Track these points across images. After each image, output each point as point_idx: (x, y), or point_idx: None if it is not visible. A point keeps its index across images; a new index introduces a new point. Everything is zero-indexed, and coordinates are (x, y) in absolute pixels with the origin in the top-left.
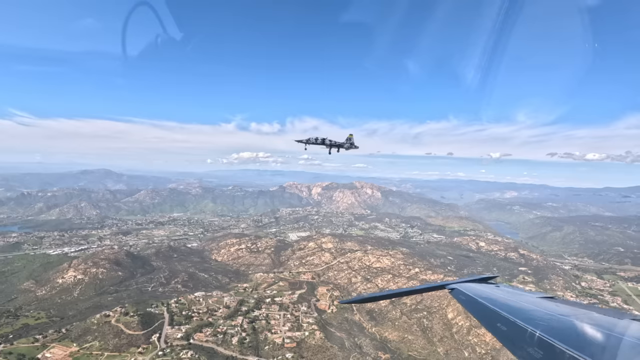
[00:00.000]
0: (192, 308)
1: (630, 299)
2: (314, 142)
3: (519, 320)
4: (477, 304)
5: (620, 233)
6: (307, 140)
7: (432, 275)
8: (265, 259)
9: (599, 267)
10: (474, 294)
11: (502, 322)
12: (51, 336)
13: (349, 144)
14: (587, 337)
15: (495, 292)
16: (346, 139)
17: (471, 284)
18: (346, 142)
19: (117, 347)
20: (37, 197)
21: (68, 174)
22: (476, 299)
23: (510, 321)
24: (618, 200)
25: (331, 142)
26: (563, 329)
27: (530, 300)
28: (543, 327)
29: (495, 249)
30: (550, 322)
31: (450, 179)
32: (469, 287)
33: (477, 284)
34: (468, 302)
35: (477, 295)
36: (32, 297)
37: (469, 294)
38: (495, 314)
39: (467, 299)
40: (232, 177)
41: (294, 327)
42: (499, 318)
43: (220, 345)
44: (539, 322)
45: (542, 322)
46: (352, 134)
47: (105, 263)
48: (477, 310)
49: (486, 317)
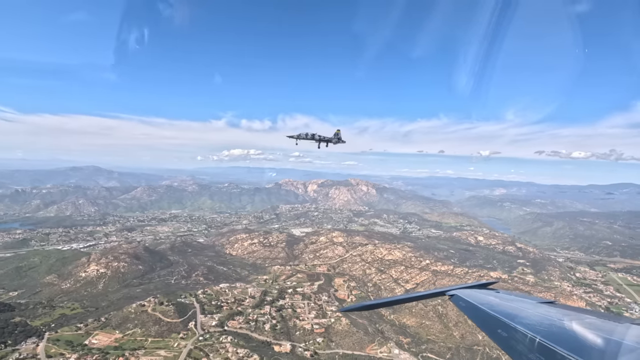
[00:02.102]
0: (220, 298)
1: (622, 288)
2: (304, 138)
3: (519, 326)
4: (477, 310)
5: (607, 228)
6: (298, 135)
7: (442, 266)
8: (280, 252)
9: (590, 259)
10: (473, 300)
11: (502, 328)
12: (92, 325)
13: (336, 138)
14: (588, 342)
15: (495, 297)
16: (334, 134)
17: (471, 290)
18: (334, 137)
19: (159, 334)
20: (31, 194)
21: (56, 171)
22: (476, 305)
23: (511, 327)
24: (602, 197)
25: (320, 137)
26: (563, 334)
27: (530, 305)
28: (543, 332)
29: (493, 243)
30: (550, 328)
31: (440, 176)
32: (469, 293)
33: (477, 289)
34: (468, 308)
35: (477, 302)
36: (57, 290)
37: (468, 300)
38: (496, 320)
39: (467, 305)
40: (223, 174)
41: (319, 314)
42: (499, 324)
43: (254, 332)
44: (539, 328)
45: (543, 327)
46: (339, 130)
47: (125, 257)
48: (477, 316)
49: (486, 323)
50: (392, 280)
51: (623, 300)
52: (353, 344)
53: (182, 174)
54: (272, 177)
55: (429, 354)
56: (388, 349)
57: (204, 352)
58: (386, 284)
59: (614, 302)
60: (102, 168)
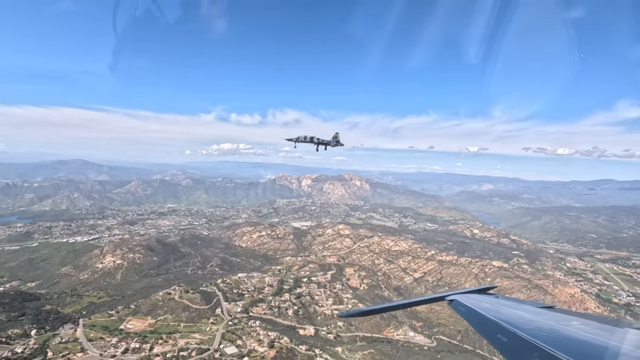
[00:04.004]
0: (240, 287)
1: (609, 277)
2: (302, 141)
3: (519, 331)
4: (477, 315)
5: (591, 222)
6: (297, 138)
7: (447, 256)
8: (290, 244)
9: (578, 251)
10: (473, 305)
11: (502, 333)
12: (123, 311)
13: (335, 141)
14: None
15: (495, 302)
16: (332, 137)
17: (470, 294)
18: (332, 140)
19: (190, 319)
20: (23, 188)
21: (43, 164)
22: (476, 310)
23: (511, 332)
24: (585, 192)
25: (319, 140)
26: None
27: (529, 310)
28: (543, 337)
29: (488, 236)
30: (550, 332)
31: (428, 172)
32: (468, 298)
33: (476, 294)
34: (467, 313)
35: (476, 307)
36: (75, 280)
37: (468, 305)
38: (495, 325)
39: (467, 310)
40: (213, 168)
41: (336, 301)
42: (499, 329)
43: (277, 317)
44: (539, 333)
45: (542, 332)
46: (338, 133)
47: (140, 249)
48: (476, 321)
49: (486, 328)
50: (401, 270)
51: (611, 287)
52: (371, 328)
53: (171, 168)
54: (266, 174)
55: (441, 336)
56: (404, 332)
57: (237, 335)
58: (395, 273)
59: (603, 289)
60: (90, 162)
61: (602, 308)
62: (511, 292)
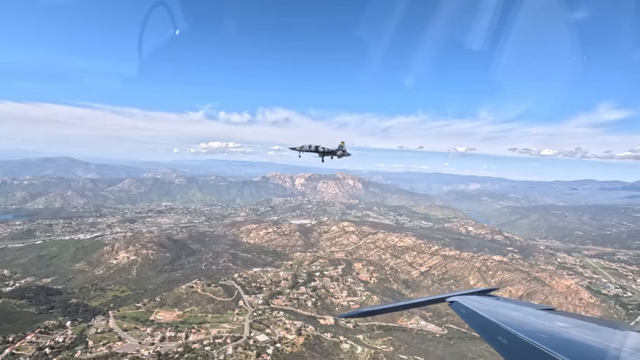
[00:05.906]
0: (257, 281)
1: (598, 271)
2: (307, 150)
3: (520, 333)
4: (478, 317)
5: (577, 220)
6: (301, 147)
7: (450, 251)
8: (297, 240)
9: (567, 247)
10: (473, 307)
11: (502, 335)
12: (149, 304)
13: (341, 151)
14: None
15: (495, 304)
16: (338, 147)
17: (471, 296)
18: (338, 150)
19: (216, 310)
20: (13, 186)
21: (28, 162)
22: (476, 312)
23: (511, 334)
24: (567, 192)
25: (324, 150)
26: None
27: (530, 312)
28: (544, 339)
29: (482, 233)
30: (550, 334)
31: (416, 171)
32: (469, 299)
33: (477, 296)
34: (468, 315)
35: (477, 308)
36: (90, 276)
37: (468, 306)
38: (496, 327)
39: (467, 312)
40: (202, 166)
41: (351, 293)
42: (500, 331)
43: (298, 308)
44: (540, 334)
45: (543, 334)
46: (344, 142)
47: (152, 245)
48: (477, 323)
49: (487, 330)
50: (407, 264)
51: (600, 280)
52: (386, 317)
53: (160, 166)
54: (256, 173)
55: (450, 324)
56: (416, 321)
57: (264, 325)
58: (402, 268)
59: (593, 281)
60: (77, 159)
61: (595, 298)
62: (512, 284)
